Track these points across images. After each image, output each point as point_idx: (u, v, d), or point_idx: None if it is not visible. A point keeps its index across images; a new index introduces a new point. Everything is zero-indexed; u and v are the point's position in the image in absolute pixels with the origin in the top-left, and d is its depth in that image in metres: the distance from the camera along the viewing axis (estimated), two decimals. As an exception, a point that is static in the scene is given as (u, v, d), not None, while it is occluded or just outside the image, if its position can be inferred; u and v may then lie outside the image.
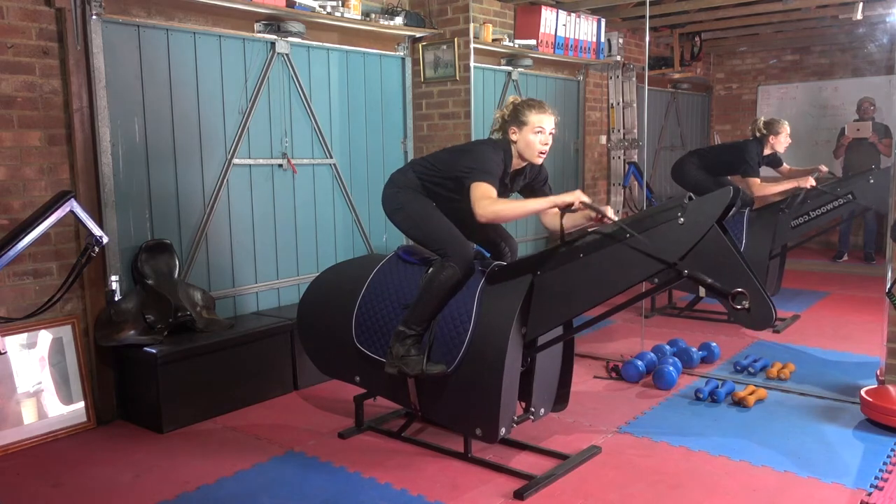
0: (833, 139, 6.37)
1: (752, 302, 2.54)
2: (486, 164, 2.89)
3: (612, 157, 6.85)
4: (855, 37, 6.25)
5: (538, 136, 2.94)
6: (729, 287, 2.56)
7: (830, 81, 6.71)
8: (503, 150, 2.99)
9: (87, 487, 2.87)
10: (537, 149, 2.96)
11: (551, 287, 2.82)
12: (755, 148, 5.21)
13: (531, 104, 2.95)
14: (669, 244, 2.60)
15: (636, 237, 2.63)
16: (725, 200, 2.55)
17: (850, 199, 5.13)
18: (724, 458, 3.04)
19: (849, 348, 4.53)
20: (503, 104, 3.05)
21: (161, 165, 3.78)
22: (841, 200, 5.16)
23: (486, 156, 2.92)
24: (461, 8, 4.86)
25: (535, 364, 3.00)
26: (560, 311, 2.84)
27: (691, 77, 7.33)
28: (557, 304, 2.82)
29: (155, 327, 3.58)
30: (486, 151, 2.95)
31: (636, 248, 2.65)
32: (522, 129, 2.94)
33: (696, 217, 2.56)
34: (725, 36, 7.18)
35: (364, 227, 4.92)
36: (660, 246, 2.62)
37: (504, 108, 3.02)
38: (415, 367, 2.90)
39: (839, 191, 5.18)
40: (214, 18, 3.96)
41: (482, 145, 3.03)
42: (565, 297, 2.80)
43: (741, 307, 2.56)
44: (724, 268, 2.57)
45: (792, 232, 5.29)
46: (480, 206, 2.80)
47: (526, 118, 2.93)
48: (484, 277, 2.94)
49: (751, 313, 2.56)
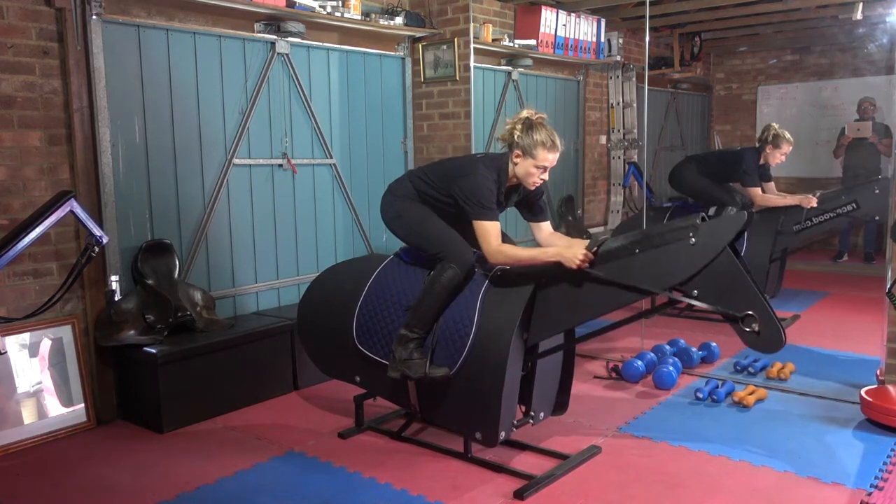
0: (833, 139, 6.38)
1: (762, 324, 2.53)
2: (483, 197, 2.87)
3: (612, 157, 6.85)
4: (855, 37, 6.25)
5: (540, 170, 2.91)
6: (738, 310, 2.55)
7: (830, 81, 6.72)
8: (497, 169, 2.94)
9: (87, 487, 2.86)
10: (534, 181, 2.93)
11: (555, 295, 2.81)
12: (753, 157, 5.19)
13: (544, 141, 2.85)
14: (679, 263, 2.59)
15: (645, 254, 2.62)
16: (739, 224, 2.54)
17: (855, 207, 5.12)
18: (724, 458, 3.04)
19: (849, 348, 4.53)
20: (517, 117, 2.93)
21: (161, 165, 3.78)
22: (846, 208, 5.14)
23: (481, 184, 2.88)
24: (461, 8, 4.86)
25: (536, 368, 3.00)
26: (562, 319, 2.83)
27: (691, 77, 7.33)
28: (560, 312, 2.81)
29: (155, 327, 3.58)
30: (480, 178, 2.89)
31: (644, 264, 2.63)
32: (527, 159, 2.88)
33: (708, 239, 2.55)
34: (725, 36, 7.18)
35: (364, 227, 4.92)
36: (670, 264, 2.60)
37: (517, 125, 2.91)
38: (418, 371, 2.90)
39: (843, 198, 5.16)
40: (214, 18, 3.96)
41: (477, 166, 2.95)
42: (568, 307, 2.79)
43: (750, 329, 2.55)
44: (734, 289, 2.55)
45: (794, 237, 5.29)
46: (490, 251, 2.86)
47: (535, 152, 2.86)
48: (486, 282, 2.94)
49: (760, 336, 2.55)
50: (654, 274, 2.64)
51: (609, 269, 2.69)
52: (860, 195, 5.12)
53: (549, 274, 2.81)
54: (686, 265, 2.59)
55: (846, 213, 5.16)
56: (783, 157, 5.17)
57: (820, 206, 5.15)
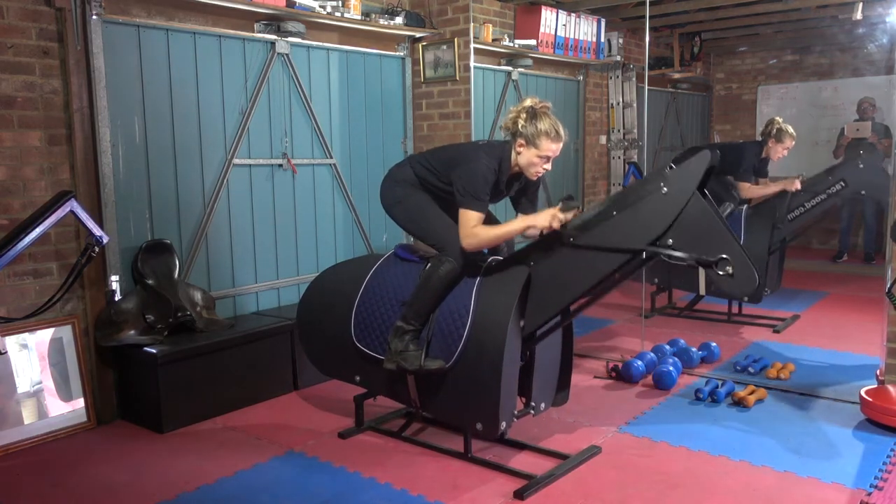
0: (833, 139, 6.37)
1: (735, 266, 2.52)
2: (477, 187, 2.87)
3: (611, 157, 6.85)
4: (855, 37, 6.24)
5: (543, 160, 2.90)
6: (713, 254, 2.54)
7: (830, 81, 6.70)
8: (499, 157, 2.93)
9: (87, 487, 2.87)
10: (537, 171, 2.93)
11: (547, 275, 2.83)
12: (753, 150, 5.19)
13: (548, 131, 2.84)
14: (656, 216, 2.61)
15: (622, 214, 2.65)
16: (705, 163, 2.54)
17: (843, 185, 5.13)
18: (724, 458, 3.04)
19: (849, 348, 4.53)
20: (521, 106, 2.91)
21: (161, 165, 3.78)
22: (835, 188, 5.15)
23: (479, 173, 2.88)
24: (461, 8, 4.86)
25: (535, 359, 3.01)
26: (556, 298, 2.85)
27: (691, 77, 7.32)
28: (553, 291, 2.83)
29: (155, 327, 3.58)
30: (479, 167, 2.89)
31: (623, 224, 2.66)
32: (530, 149, 2.87)
33: (679, 184, 2.56)
34: (725, 36, 7.17)
35: (364, 226, 4.92)
36: (647, 219, 2.62)
37: (521, 114, 2.89)
38: (413, 363, 2.90)
39: (830, 179, 5.18)
40: (214, 18, 3.96)
41: (478, 154, 2.94)
42: (560, 284, 2.81)
43: (724, 273, 2.54)
44: (707, 234, 2.55)
45: (790, 225, 5.29)
46: (466, 238, 2.89)
47: (539, 142, 2.85)
48: (481, 272, 2.95)
49: (734, 278, 2.54)
50: (634, 232, 2.66)
51: (591, 237, 2.72)
52: (846, 172, 5.14)
53: (539, 253, 2.84)
54: (662, 216, 2.60)
55: (836, 193, 5.17)
56: (785, 152, 5.17)
57: (810, 190, 5.17)
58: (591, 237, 2.73)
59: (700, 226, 2.56)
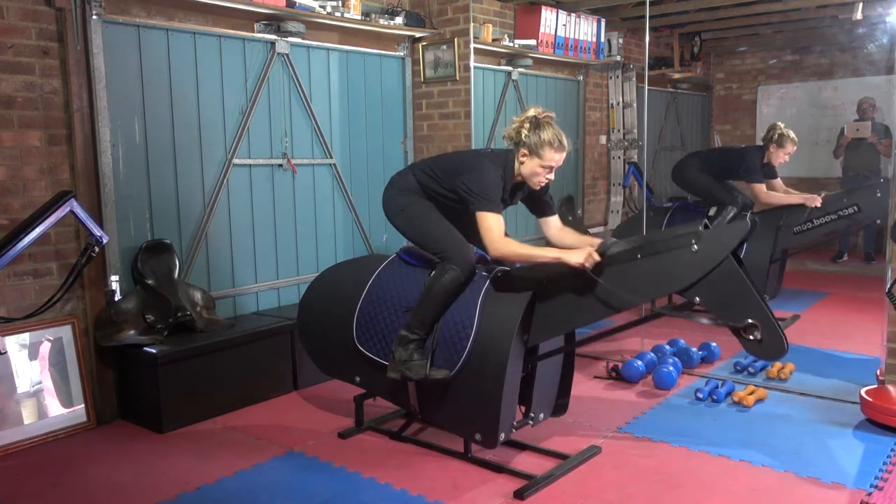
0: (833, 139, 6.37)
1: (764, 333, 2.52)
2: (488, 191, 2.85)
3: (612, 157, 6.85)
4: (855, 37, 6.25)
5: (546, 170, 2.89)
6: (740, 319, 2.53)
7: (830, 81, 6.71)
8: (503, 166, 2.92)
9: (87, 487, 2.87)
10: (540, 181, 2.92)
11: (556, 298, 2.80)
12: (757, 154, 5.19)
13: (551, 141, 2.83)
14: (681, 270, 2.58)
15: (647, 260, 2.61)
16: (742, 233, 2.54)
17: (856, 210, 5.10)
18: (724, 458, 3.04)
19: (849, 348, 4.53)
20: (524, 115, 2.90)
21: (161, 165, 3.78)
22: (847, 210, 5.12)
23: (487, 178, 2.86)
24: (461, 8, 4.86)
25: (536, 370, 3.00)
26: (563, 322, 2.83)
27: (691, 77, 7.32)
28: (561, 315, 2.81)
29: (155, 327, 3.58)
30: (485, 173, 2.87)
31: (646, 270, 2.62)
32: (533, 159, 2.86)
33: (711, 246, 2.53)
34: (725, 36, 7.18)
35: (364, 227, 4.92)
36: (672, 271, 2.59)
37: (525, 124, 2.87)
38: (418, 372, 2.89)
39: (844, 201, 5.15)
40: (214, 18, 3.96)
41: (483, 161, 2.93)
42: (569, 310, 2.78)
43: (753, 338, 2.54)
44: (736, 298, 2.54)
45: (794, 238, 5.27)
46: (493, 243, 2.82)
47: (542, 153, 2.83)
48: (487, 282, 2.93)
49: (763, 344, 2.54)
50: (656, 280, 2.63)
51: (610, 274, 2.68)
52: (861, 198, 5.09)
53: (551, 276, 2.80)
54: (688, 272, 2.57)
55: (847, 216, 5.14)
56: (787, 157, 5.16)
57: (822, 208, 5.14)
58: (610, 275, 2.68)
59: (729, 288, 2.54)
